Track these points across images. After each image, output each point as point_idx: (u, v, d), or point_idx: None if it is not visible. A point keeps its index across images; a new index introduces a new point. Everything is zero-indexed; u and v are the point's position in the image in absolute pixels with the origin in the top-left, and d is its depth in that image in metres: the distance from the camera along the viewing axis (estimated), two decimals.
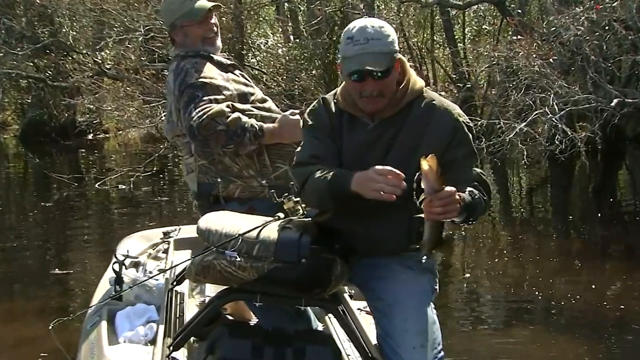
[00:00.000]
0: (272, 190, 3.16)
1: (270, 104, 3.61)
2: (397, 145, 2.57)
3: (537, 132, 11.52)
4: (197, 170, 3.48)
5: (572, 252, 7.98)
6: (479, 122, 11.90)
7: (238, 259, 2.57)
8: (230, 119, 3.27)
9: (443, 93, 18.40)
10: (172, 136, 3.61)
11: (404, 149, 2.56)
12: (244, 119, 3.32)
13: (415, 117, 2.59)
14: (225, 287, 2.74)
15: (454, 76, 17.02)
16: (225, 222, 2.74)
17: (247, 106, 3.45)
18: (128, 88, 14.68)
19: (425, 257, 2.51)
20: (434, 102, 2.63)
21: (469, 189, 2.49)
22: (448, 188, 2.29)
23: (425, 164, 2.27)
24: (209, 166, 3.45)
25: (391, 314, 2.58)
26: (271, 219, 2.75)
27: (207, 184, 3.46)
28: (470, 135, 2.63)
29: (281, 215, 2.81)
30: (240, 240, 2.57)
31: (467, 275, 7.26)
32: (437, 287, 2.79)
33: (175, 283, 3.33)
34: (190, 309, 3.38)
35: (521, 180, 13.45)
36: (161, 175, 13.59)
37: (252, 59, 17.88)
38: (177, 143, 3.64)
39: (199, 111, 3.22)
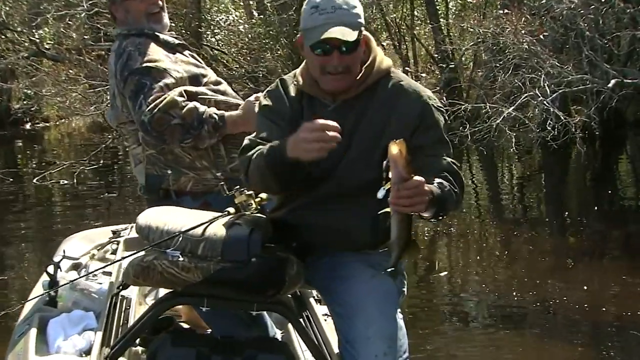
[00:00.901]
0: (221, 183, 3.15)
1: (225, 86, 3.58)
2: (361, 129, 2.58)
3: (528, 117, 11.60)
4: (145, 161, 3.46)
5: (568, 249, 8.01)
6: (463, 107, 11.97)
7: (181, 259, 2.55)
8: (185, 109, 3.24)
9: (424, 74, 18.48)
10: (117, 123, 3.56)
11: (368, 133, 2.57)
12: (202, 108, 3.30)
13: (381, 98, 2.60)
14: (169, 290, 2.72)
15: (436, 55, 17.06)
16: (168, 218, 2.71)
17: (201, 89, 3.42)
18: (70, 71, 14.50)
19: (392, 267, 2.44)
20: (401, 82, 2.64)
21: (437, 180, 2.48)
22: (417, 177, 2.29)
23: (394, 148, 2.26)
24: (158, 156, 3.42)
25: (352, 319, 2.57)
26: (219, 214, 2.73)
27: (155, 176, 3.43)
28: (441, 120, 2.64)
29: (231, 210, 2.79)
30: (182, 238, 2.56)
31: (453, 275, 7.28)
32: (405, 289, 2.78)
33: (121, 287, 3.29)
34: (138, 316, 3.34)
35: (511, 171, 13.53)
36: (109, 169, 13.48)
37: (211, 37, 17.80)
38: (123, 131, 3.59)
39: (150, 103, 3.20)
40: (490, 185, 11.94)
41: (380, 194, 2.32)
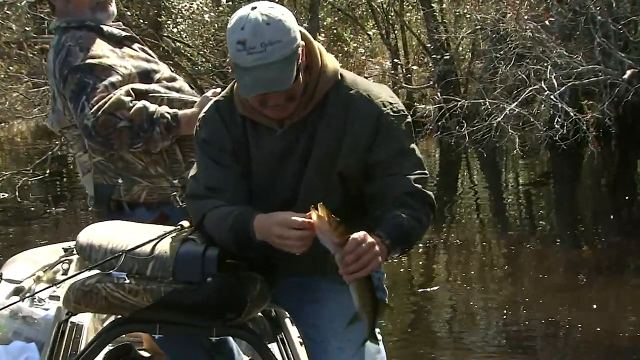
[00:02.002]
0: (175, 193, 3.15)
1: (180, 83, 3.58)
2: (314, 153, 2.58)
3: (533, 113, 11.65)
4: (92, 170, 3.45)
5: (580, 264, 8.01)
6: (460, 103, 12.01)
7: (127, 281, 2.55)
8: (133, 110, 3.24)
9: (416, 67, 18.56)
10: (60, 128, 3.55)
11: (322, 157, 2.57)
12: (152, 107, 3.30)
13: (332, 114, 2.59)
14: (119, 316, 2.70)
15: (429, 45, 17.13)
16: (113, 234, 2.70)
17: (152, 86, 3.41)
18: (10, 68, 14.45)
19: (368, 338, 2.47)
20: (351, 92, 2.61)
21: (395, 213, 2.48)
22: (355, 235, 2.30)
23: (314, 216, 2.31)
24: (107, 164, 3.41)
25: (325, 343, 2.58)
26: (171, 229, 2.72)
27: (105, 186, 3.43)
28: (402, 127, 2.61)
29: (185, 224, 2.78)
30: (128, 257, 2.56)
31: (451, 293, 7.27)
32: None
33: (70, 313, 3.27)
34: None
35: (515, 175, 13.58)
36: (57, 180, 13.42)
37: (172, 27, 17.77)
38: (67, 137, 3.57)
39: (93, 104, 3.19)
40: (492, 192, 11.97)
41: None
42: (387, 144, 2.57)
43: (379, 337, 2.67)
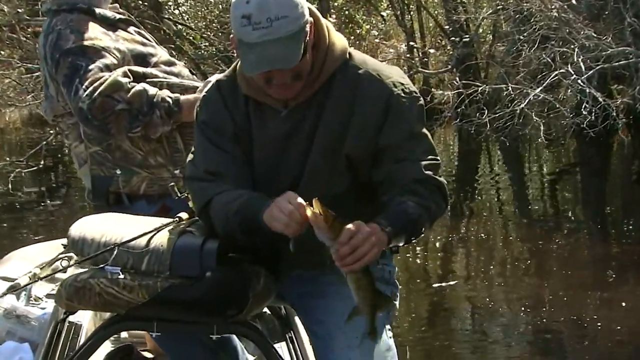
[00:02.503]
0: (172, 184, 3.15)
1: (180, 67, 3.58)
2: (320, 135, 2.57)
3: (559, 99, 11.62)
4: (89, 161, 3.45)
5: (609, 259, 8.01)
6: (481, 89, 11.98)
7: (121, 276, 2.54)
8: (132, 92, 3.24)
9: (433, 50, 18.53)
10: (53, 116, 3.54)
11: (328, 139, 2.57)
12: (152, 90, 3.30)
13: (339, 95, 2.58)
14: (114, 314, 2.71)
15: (447, 27, 17.10)
16: (107, 227, 2.70)
17: (149, 70, 3.41)
18: (1, 52, 14.49)
19: (370, 332, 2.46)
20: (359, 71, 2.61)
21: (401, 200, 2.48)
22: (349, 226, 2.30)
23: (308, 212, 2.33)
24: (104, 154, 3.41)
25: (332, 340, 2.59)
26: (168, 221, 2.72)
27: (102, 177, 3.43)
28: (413, 109, 2.60)
29: (184, 215, 2.77)
30: (123, 251, 2.55)
31: (471, 290, 7.28)
32: (396, 302, 2.78)
33: (68, 312, 3.28)
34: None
35: (540, 165, 13.59)
36: (52, 171, 13.45)
37: (174, 9, 17.80)
38: (62, 126, 3.57)
39: (88, 86, 3.19)
40: (515, 183, 11.97)
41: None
42: (396, 126, 2.56)
43: (390, 333, 2.69)
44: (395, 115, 2.56)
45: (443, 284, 7.26)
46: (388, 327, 2.71)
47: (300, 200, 2.37)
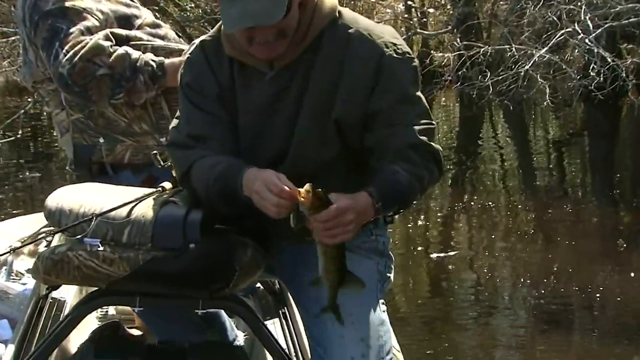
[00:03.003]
0: (155, 152, 3.16)
1: (166, 30, 3.59)
2: (309, 95, 2.55)
3: (565, 60, 11.61)
4: (71, 129, 3.46)
5: (619, 228, 8.06)
6: (483, 50, 11.96)
7: (101, 249, 2.53)
8: (114, 56, 3.24)
9: (432, 10, 18.47)
10: (33, 82, 3.55)
11: (316, 102, 2.55)
12: (135, 54, 3.30)
13: (328, 53, 2.56)
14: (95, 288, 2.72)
15: None
16: (85, 197, 2.69)
17: (133, 32, 3.42)
18: None
19: (329, 307, 2.49)
20: (350, 30, 2.58)
21: (390, 169, 2.47)
22: (332, 207, 2.28)
23: (300, 198, 2.32)
24: (86, 121, 3.42)
25: (323, 316, 2.56)
26: (150, 191, 2.71)
27: (85, 146, 3.44)
28: (406, 71, 2.58)
29: (167, 185, 2.77)
30: (102, 222, 2.54)
31: (475, 261, 7.32)
32: (391, 275, 2.80)
33: (51, 288, 3.29)
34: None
35: (545, 130, 13.58)
36: (31, 141, 13.42)
37: None
38: (41, 92, 3.58)
39: (68, 50, 3.19)
40: (519, 149, 11.99)
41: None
42: (389, 88, 2.53)
43: (383, 307, 2.69)
44: (387, 77, 2.53)
45: (443, 254, 7.28)
46: (382, 301, 2.71)
47: (283, 186, 2.35)
